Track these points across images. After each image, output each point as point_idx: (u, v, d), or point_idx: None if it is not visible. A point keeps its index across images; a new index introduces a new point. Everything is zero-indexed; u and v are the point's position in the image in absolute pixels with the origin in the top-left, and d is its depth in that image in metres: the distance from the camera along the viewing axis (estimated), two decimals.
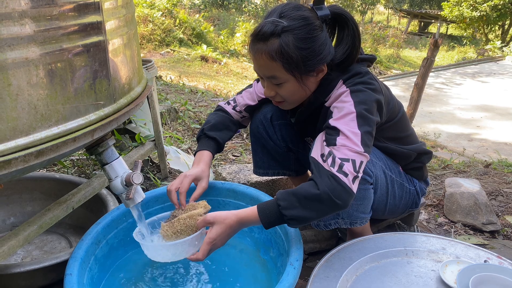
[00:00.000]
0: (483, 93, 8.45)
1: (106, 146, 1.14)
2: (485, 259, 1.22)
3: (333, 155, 1.06)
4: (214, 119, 1.46)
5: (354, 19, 1.17)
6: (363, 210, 1.27)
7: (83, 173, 1.96)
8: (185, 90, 4.77)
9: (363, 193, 1.24)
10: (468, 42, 15.51)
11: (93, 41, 0.99)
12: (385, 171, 1.32)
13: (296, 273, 1.06)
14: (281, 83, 1.16)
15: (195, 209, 1.24)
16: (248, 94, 1.49)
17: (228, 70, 8.83)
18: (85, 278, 1.13)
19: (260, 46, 1.11)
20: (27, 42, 0.84)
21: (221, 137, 1.42)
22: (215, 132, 1.41)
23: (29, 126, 0.87)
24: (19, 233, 1.07)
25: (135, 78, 1.24)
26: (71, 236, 1.57)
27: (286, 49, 1.08)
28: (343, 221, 1.28)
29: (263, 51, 1.11)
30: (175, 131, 2.85)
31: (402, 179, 1.39)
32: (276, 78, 1.15)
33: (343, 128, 1.08)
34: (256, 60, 1.15)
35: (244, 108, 1.48)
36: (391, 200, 1.37)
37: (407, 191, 1.41)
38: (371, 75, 1.21)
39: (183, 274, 1.31)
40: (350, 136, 1.07)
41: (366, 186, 1.23)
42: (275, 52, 1.09)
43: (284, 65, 1.11)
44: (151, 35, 9.43)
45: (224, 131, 1.44)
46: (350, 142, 1.06)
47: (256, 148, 1.56)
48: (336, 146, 1.07)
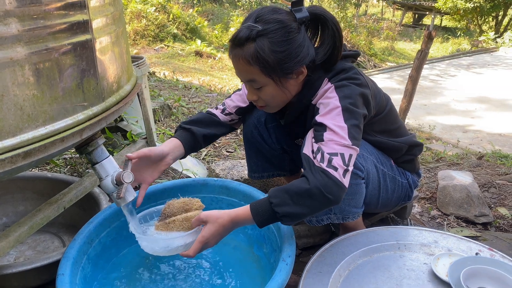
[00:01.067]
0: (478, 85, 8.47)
1: (95, 145, 1.13)
2: (477, 251, 1.23)
3: (321, 151, 1.06)
4: (196, 116, 1.44)
5: (335, 18, 1.17)
6: (355, 204, 1.27)
7: (76, 172, 1.95)
8: (179, 86, 4.75)
9: (355, 188, 1.24)
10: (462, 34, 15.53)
11: (79, 40, 0.98)
12: (377, 165, 1.32)
13: (289, 269, 1.06)
14: (261, 87, 1.17)
15: (188, 207, 1.24)
16: (238, 96, 1.47)
17: (223, 65, 8.80)
18: (77, 278, 1.13)
19: (237, 51, 1.13)
20: (12, 42, 0.83)
21: (198, 131, 1.36)
22: (191, 125, 1.37)
23: (16, 127, 0.86)
24: (10, 234, 1.06)
25: (124, 76, 1.23)
26: (64, 235, 1.57)
27: (261, 54, 1.09)
28: (336, 216, 1.28)
29: (240, 56, 1.12)
30: (169, 127, 2.84)
31: (394, 172, 1.39)
32: (256, 82, 1.16)
33: (329, 123, 1.09)
34: (235, 65, 1.17)
35: (235, 110, 1.45)
36: (384, 194, 1.37)
37: (399, 184, 1.41)
38: (356, 70, 1.21)
39: (176, 271, 1.31)
40: (336, 131, 1.07)
41: (358, 181, 1.24)
42: (251, 57, 1.10)
43: (261, 69, 1.12)
44: (145, 31, 9.37)
45: (204, 128, 1.39)
46: (337, 137, 1.07)
47: (251, 153, 1.55)
48: (324, 142, 1.07)
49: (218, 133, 1.44)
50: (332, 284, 1.11)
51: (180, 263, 1.35)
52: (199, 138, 1.36)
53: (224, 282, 1.27)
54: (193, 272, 1.31)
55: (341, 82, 1.15)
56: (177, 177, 1.97)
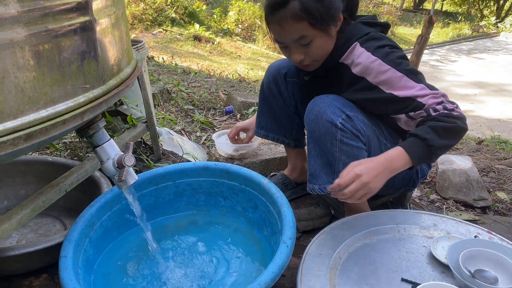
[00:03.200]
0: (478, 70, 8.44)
1: (96, 128, 1.13)
2: (476, 234, 1.24)
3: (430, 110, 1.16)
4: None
5: None
6: None
7: (76, 156, 1.95)
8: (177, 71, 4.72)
9: (356, 152, 1.26)
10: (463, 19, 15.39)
11: (79, 21, 0.97)
12: (379, 137, 1.33)
13: (289, 251, 1.07)
14: (309, 42, 1.21)
15: None
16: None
17: (222, 50, 8.73)
18: (80, 260, 1.14)
19: (281, 13, 1.17)
20: (12, 23, 0.82)
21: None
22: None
23: (17, 109, 0.85)
24: (12, 217, 1.07)
25: (124, 59, 1.22)
26: (66, 219, 1.58)
27: (307, 5, 1.15)
28: None
29: (287, 16, 1.17)
30: (168, 112, 2.83)
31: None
32: (305, 38, 1.20)
33: (410, 93, 1.18)
34: (281, 28, 1.21)
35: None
36: None
37: None
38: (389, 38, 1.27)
39: (177, 253, 1.33)
40: (420, 94, 1.17)
41: (359, 145, 1.26)
42: (299, 13, 1.16)
43: (310, 22, 1.17)
44: (143, 15, 9.26)
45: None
46: (425, 98, 1.17)
47: (263, 108, 1.60)
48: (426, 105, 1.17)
49: None
50: (332, 266, 1.12)
51: (181, 245, 1.36)
52: None
53: (225, 264, 1.28)
54: (193, 254, 1.32)
55: (383, 50, 1.21)
56: (178, 161, 1.98)
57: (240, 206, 1.46)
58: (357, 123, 1.25)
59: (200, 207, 1.51)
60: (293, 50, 1.25)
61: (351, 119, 1.24)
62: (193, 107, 3.03)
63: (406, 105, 1.20)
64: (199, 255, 1.32)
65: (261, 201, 1.36)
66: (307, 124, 1.30)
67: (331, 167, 1.28)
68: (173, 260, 1.30)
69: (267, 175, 1.93)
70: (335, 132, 1.23)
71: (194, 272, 1.25)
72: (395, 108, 1.24)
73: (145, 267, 1.27)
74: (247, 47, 9.42)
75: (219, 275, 1.24)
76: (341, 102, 1.27)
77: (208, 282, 1.21)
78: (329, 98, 1.27)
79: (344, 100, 1.28)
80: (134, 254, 1.33)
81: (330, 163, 1.28)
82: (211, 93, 3.51)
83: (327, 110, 1.24)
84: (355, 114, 1.26)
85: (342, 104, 1.26)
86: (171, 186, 1.47)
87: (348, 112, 1.24)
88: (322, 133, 1.25)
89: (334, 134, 1.24)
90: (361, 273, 1.11)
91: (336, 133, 1.24)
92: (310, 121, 1.28)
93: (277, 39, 1.25)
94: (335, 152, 1.25)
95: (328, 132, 1.24)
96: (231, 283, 1.21)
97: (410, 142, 1.14)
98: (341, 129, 1.23)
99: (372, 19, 1.32)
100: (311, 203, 1.72)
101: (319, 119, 1.25)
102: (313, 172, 1.33)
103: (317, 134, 1.27)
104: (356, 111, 1.28)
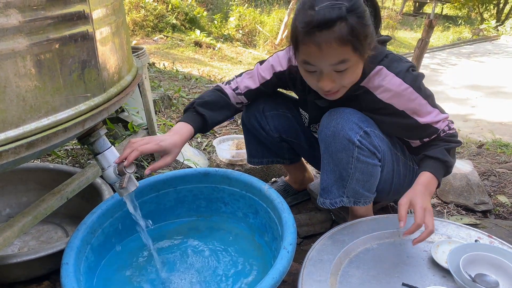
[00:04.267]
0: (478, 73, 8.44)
1: (97, 136, 1.14)
2: (476, 238, 1.24)
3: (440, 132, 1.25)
4: (209, 96, 1.38)
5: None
6: (369, 188, 1.28)
7: (78, 163, 1.96)
8: (178, 77, 4.74)
9: (371, 170, 1.24)
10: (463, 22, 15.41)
11: (80, 30, 0.98)
12: (391, 147, 1.32)
13: (290, 257, 1.07)
14: (346, 68, 1.10)
15: None
16: (248, 76, 1.42)
17: (223, 55, 8.76)
18: (81, 267, 1.14)
19: (326, 35, 1.03)
20: (13, 33, 0.83)
21: (211, 117, 1.33)
22: (206, 110, 1.33)
23: (19, 118, 0.86)
24: (14, 224, 1.08)
25: (124, 66, 1.23)
26: (67, 226, 1.58)
27: (355, 29, 1.04)
28: (348, 200, 1.28)
29: (332, 38, 1.03)
30: (169, 118, 2.84)
31: (406, 157, 1.39)
32: (345, 63, 1.08)
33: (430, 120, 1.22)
34: (319, 50, 1.06)
35: (245, 91, 1.41)
36: (396, 179, 1.37)
37: (411, 170, 1.41)
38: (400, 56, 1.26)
39: (178, 259, 1.33)
40: (437, 119, 1.23)
41: (375, 162, 1.24)
42: (345, 36, 1.03)
43: (353, 47, 1.06)
44: (144, 21, 9.31)
45: (217, 112, 1.36)
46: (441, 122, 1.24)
47: (249, 139, 1.57)
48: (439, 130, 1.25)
49: (226, 117, 1.43)
50: (333, 271, 1.12)
51: (183, 251, 1.37)
52: (210, 125, 1.35)
53: (226, 269, 1.28)
54: (193, 260, 1.33)
55: (411, 75, 1.19)
56: (179, 167, 1.98)
57: (241, 212, 1.47)
58: (374, 139, 1.23)
59: (201, 213, 1.52)
60: (325, 76, 1.12)
61: (369, 135, 1.21)
62: None
63: (424, 131, 1.24)
64: (200, 261, 1.32)
65: (262, 207, 1.37)
66: (323, 139, 1.25)
67: (343, 181, 1.26)
68: (174, 266, 1.30)
69: (268, 180, 1.93)
70: (353, 149, 1.20)
71: (195, 277, 1.25)
72: (414, 134, 1.28)
73: (146, 273, 1.27)
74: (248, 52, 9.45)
75: (220, 280, 1.24)
76: (358, 116, 1.23)
77: (209, 287, 1.22)
78: (346, 113, 1.22)
79: (361, 115, 1.24)
80: (136, 260, 1.33)
81: (343, 178, 1.26)
82: None
83: (345, 126, 1.20)
84: (372, 129, 1.23)
85: (359, 119, 1.22)
86: (172, 193, 1.47)
87: (365, 128, 1.21)
88: (338, 149, 1.22)
89: (351, 152, 1.21)
90: (362, 278, 1.11)
91: (353, 151, 1.20)
92: (326, 136, 1.24)
93: (308, 61, 1.11)
94: (350, 169, 1.23)
95: (345, 149, 1.21)
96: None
97: (434, 165, 1.22)
98: (359, 146, 1.20)
99: (380, 36, 1.27)
100: (311, 208, 1.73)
101: (336, 135, 1.21)
102: (325, 187, 1.30)
103: (333, 150, 1.23)
104: (373, 126, 1.25)
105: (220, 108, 1.38)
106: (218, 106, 1.37)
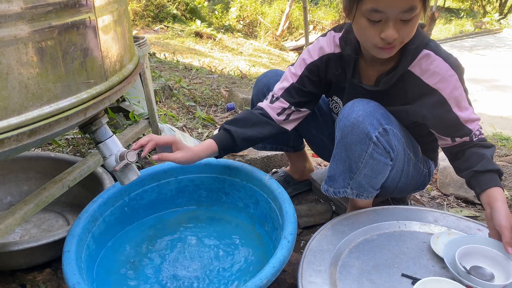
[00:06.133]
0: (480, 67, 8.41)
1: (99, 124, 1.14)
2: (476, 230, 1.25)
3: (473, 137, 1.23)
4: (241, 114, 1.35)
5: None
6: (374, 184, 1.27)
7: (78, 152, 1.96)
8: (179, 67, 4.72)
9: (381, 167, 1.23)
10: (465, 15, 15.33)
11: (82, 18, 0.98)
12: (405, 148, 1.30)
13: (290, 246, 1.08)
14: (411, 18, 1.08)
15: None
16: (281, 80, 1.38)
17: (223, 46, 8.73)
18: (83, 255, 1.15)
19: None
20: (15, 19, 0.83)
21: (237, 132, 1.28)
22: (232, 126, 1.29)
23: (21, 105, 0.86)
24: (16, 212, 1.08)
25: (126, 55, 1.23)
26: (68, 214, 1.59)
27: None
28: (351, 191, 1.28)
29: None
30: (170, 108, 2.84)
31: (418, 159, 1.38)
32: (413, 10, 1.06)
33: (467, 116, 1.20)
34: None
35: (281, 94, 1.35)
36: (404, 179, 1.36)
37: (420, 172, 1.40)
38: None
39: (179, 248, 1.34)
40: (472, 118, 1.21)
41: (387, 161, 1.23)
42: None
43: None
44: (144, 11, 9.26)
45: (247, 129, 1.31)
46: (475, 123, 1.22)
47: None
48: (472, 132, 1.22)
49: (261, 133, 1.34)
50: (333, 261, 1.13)
51: (182, 239, 1.37)
52: (236, 140, 1.28)
53: (226, 259, 1.29)
54: (195, 249, 1.33)
55: (456, 62, 1.18)
56: None
57: (241, 202, 1.47)
58: (392, 138, 1.21)
59: (202, 203, 1.52)
60: (392, 24, 1.08)
61: (388, 133, 1.19)
62: (195, 103, 3.04)
63: (461, 128, 1.22)
64: (201, 250, 1.33)
65: (262, 197, 1.37)
66: (341, 128, 1.23)
67: (351, 174, 1.25)
68: (173, 255, 1.31)
69: (269, 171, 1.93)
70: (368, 144, 1.18)
71: (195, 266, 1.26)
72: (450, 130, 1.24)
73: (146, 262, 1.28)
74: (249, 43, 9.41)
75: (220, 269, 1.25)
76: (381, 112, 1.20)
77: (209, 276, 1.22)
78: (370, 106, 1.20)
79: (384, 111, 1.22)
80: (136, 248, 1.34)
81: (351, 170, 1.25)
82: (212, 90, 3.52)
83: (366, 120, 1.17)
84: (392, 127, 1.21)
85: (381, 115, 1.20)
86: (173, 182, 1.48)
87: (385, 125, 1.19)
88: (354, 142, 1.20)
89: (367, 147, 1.19)
90: (362, 268, 1.12)
91: (368, 146, 1.19)
92: (345, 126, 1.21)
93: (377, 8, 1.06)
94: (360, 163, 1.22)
95: (361, 143, 1.19)
96: (233, 277, 1.22)
97: (494, 178, 1.17)
98: (375, 143, 1.18)
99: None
100: (312, 199, 1.73)
101: (355, 127, 1.18)
102: (332, 175, 1.30)
103: (349, 141, 1.21)
104: (393, 124, 1.23)
105: (252, 125, 1.32)
106: (249, 123, 1.32)
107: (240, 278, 1.21)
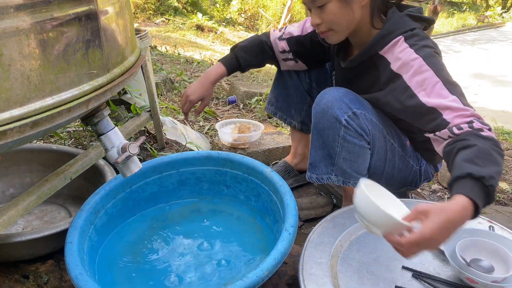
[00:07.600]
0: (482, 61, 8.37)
1: (101, 116, 1.14)
2: (476, 223, 1.25)
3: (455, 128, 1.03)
4: (251, 41, 1.57)
5: None
6: (357, 169, 1.29)
7: (80, 144, 1.96)
8: (180, 60, 4.71)
9: (358, 150, 1.25)
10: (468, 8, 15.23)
11: (84, 9, 0.97)
12: (386, 136, 1.32)
13: (291, 239, 1.08)
14: (323, 5, 1.17)
15: None
16: (297, 24, 1.53)
17: (225, 39, 8.69)
18: (85, 246, 1.16)
19: None
20: (17, 10, 0.83)
21: (245, 61, 1.53)
22: (241, 52, 1.52)
23: (23, 97, 0.86)
24: (19, 203, 1.08)
25: (128, 47, 1.22)
26: (70, 206, 1.60)
27: None
28: (336, 178, 1.30)
29: None
30: (171, 101, 2.84)
31: (406, 152, 1.38)
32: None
33: (439, 103, 1.07)
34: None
35: (287, 37, 1.52)
36: (389, 169, 1.37)
37: (410, 167, 1.40)
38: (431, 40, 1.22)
39: (180, 240, 1.35)
40: (452, 106, 1.06)
41: (362, 143, 1.25)
42: None
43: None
44: (145, 4, 9.21)
45: (252, 56, 1.54)
46: (456, 112, 1.05)
47: (277, 84, 1.65)
48: (450, 124, 1.05)
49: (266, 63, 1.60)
50: (334, 254, 1.13)
51: (185, 232, 1.38)
52: (244, 66, 1.54)
53: (227, 251, 1.30)
54: (196, 241, 1.34)
55: (426, 50, 1.15)
56: (181, 150, 1.99)
57: (243, 195, 1.48)
58: (363, 121, 1.23)
59: (204, 195, 1.53)
60: (312, 12, 1.22)
61: (358, 116, 1.22)
62: None
63: (431, 119, 1.09)
64: (202, 242, 1.34)
65: (263, 190, 1.38)
66: (314, 115, 1.29)
67: (331, 159, 1.30)
68: (176, 247, 1.32)
69: (270, 164, 1.94)
70: (339, 128, 1.23)
71: (197, 258, 1.27)
72: (421, 121, 1.14)
73: (148, 254, 1.29)
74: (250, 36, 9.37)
75: (221, 261, 1.25)
76: (351, 97, 1.24)
77: (210, 268, 1.23)
78: (339, 92, 1.25)
79: (354, 96, 1.25)
80: (138, 240, 1.34)
81: (330, 156, 1.29)
82: None
83: (334, 105, 1.22)
84: (363, 111, 1.24)
85: (351, 100, 1.23)
86: (175, 175, 1.48)
87: (355, 110, 1.22)
88: (326, 126, 1.25)
89: (338, 130, 1.23)
90: (362, 261, 1.12)
91: (339, 130, 1.23)
92: (317, 112, 1.27)
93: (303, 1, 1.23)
94: (336, 147, 1.26)
95: (332, 127, 1.24)
96: (234, 269, 1.23)
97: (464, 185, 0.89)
98: (345, 126, 1.22)
99: (419, 13, 1.25)
100: (313, 192, 1.74)
101: (325, 112, 1.24)
102: (312, 162, 1.35)
103: (321, 127, 1.27)
104: (365, 109, 1.25)
105: (257, 55, 1.55)
106: (255, 52, 1.54)
107: (242, 270, 1.22)
